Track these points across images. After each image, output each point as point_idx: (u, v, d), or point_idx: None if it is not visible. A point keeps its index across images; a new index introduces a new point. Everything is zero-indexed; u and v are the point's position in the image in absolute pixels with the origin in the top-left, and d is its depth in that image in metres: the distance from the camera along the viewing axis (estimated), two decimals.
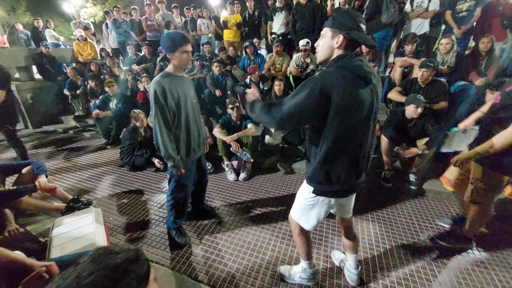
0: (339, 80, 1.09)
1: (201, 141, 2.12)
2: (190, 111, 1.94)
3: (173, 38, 1.73)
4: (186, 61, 1.81)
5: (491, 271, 1.87)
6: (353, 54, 1.15)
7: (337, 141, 1.17)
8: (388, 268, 1.89)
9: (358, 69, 1.12)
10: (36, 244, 2.03)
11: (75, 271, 0.60)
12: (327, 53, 1.21)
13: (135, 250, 0.70)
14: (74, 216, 2.10)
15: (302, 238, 1.55)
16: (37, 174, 2.29)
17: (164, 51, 1.80)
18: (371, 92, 1.16)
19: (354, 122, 1.15)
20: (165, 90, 1.74)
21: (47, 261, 1.34)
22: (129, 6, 16.33)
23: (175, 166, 1.84)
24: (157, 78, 1.78)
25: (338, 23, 1.14)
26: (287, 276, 1.78)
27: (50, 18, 9.39)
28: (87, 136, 5.16)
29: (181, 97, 1.85)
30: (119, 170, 3.57)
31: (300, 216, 1.48)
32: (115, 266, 0.62)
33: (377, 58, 4.08)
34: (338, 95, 1.08)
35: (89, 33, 6.80)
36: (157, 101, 1.73)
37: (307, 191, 1.38)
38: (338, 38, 1.15)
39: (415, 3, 4.07)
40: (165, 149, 1.78)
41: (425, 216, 2.48)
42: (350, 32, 1.12)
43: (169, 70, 1.85)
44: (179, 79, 1.88)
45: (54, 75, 5.88)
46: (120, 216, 2.56)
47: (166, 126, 1.77)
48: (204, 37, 6.11)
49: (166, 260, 1.99)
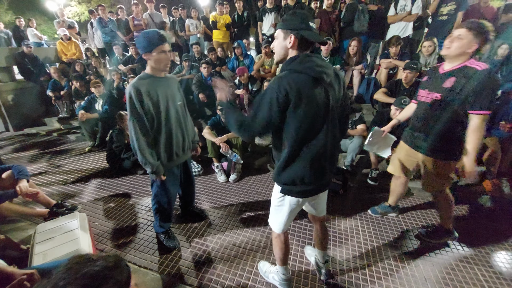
0: (292, 83, 1.13)
1: (187, 145, 2.03)
2: (172, 113, 1.84)
3: (150, 38, 1.64)
4: (165, 61, 1.72)
5: (474, 266, 1.94)
6: (304, 55, 1.19)
7: (296, 143, 1.21)
8: (369, 265, 1.94)
9: (308, 70, 1.14)
10: (17, 251, 1.95)
11: (49, 282, 0.57)
12: (282, 53, 1.26)
13: (114, 256, 0.68)
14: (58, 221, 2.03)
15: (278, 242, 1.55)
16: (18, 178, 2.20)
17: (140, 51, 1.71)
18: (325, 90, 1.19)
19: (312, 122, 1.18)
20: (141, 92, 1.65)
21: (29, 269, 1.30)
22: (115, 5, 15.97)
23: (153, 172, 1.75)
24: (134, 81, 1.68)
25: (289, 24, 1.20)
26: (262, 272, 1.84)
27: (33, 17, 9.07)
28: (71, 139, 5.01)
29: (161, 100, 1.76)
30: (105, 173, 3.48)
31: (274, 219, 1.50)
32: (93, 274, 0.60)
33: (364, 60, 4.19)
34: (293, 98, 1.12)
35: (73, 32, 6.62)
36: (131, 105, 1.65)
37: (277, 190, 1.41)
38: (290, 39, 1.19)
39: (398, 7, 4.20)
40: (141, 155, 1.70)
41: (410, 214, 2.55)
42: (301, 32, 1.16)
43: (148, 72, 1.76)
44: (160, 81, 1.78)
45: (37, 75, 5.66)
46: (107, 220, 2.49)
47: (141, 131, 1.69)
48: (193, 38, 6.07)
49: (154, 265, 1.95)
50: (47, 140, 4.95)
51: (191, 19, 5.96)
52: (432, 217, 2.50)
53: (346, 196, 2.84)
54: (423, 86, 1.88)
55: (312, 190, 1.34)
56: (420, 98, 1.89)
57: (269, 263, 1.89)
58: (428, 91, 1.80)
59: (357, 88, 4.15)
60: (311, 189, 1.33)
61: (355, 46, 4.05)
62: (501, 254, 2.05)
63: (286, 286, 1.69)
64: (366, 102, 4.02)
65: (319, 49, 4.10)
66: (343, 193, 2.87)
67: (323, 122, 1.22)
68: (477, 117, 1.59)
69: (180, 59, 5.30)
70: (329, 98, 1.20)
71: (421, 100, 1.87)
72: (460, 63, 1.64)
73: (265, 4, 5.18)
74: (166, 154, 1.86)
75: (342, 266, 1.93)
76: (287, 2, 4.89)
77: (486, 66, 1.54)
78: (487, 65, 1.55)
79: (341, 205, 2.65)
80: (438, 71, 1.78)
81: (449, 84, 1.65)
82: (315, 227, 1.70)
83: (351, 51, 4.11)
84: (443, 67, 1.76)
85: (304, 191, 1.32)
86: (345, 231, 2.31)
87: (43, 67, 5.89)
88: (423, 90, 1.85)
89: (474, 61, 1.60)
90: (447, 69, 1.72)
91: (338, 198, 2.78)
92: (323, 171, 1.30)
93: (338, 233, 2.27)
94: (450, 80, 1.65)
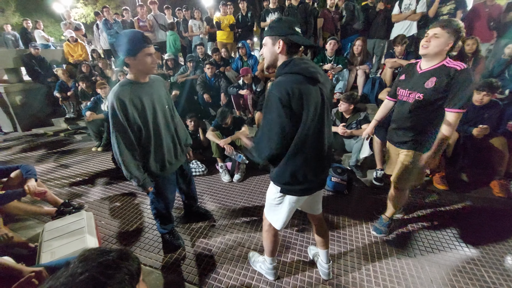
0: (291, 85, 1.16)
1: (179, 151, 1.93)
2: (160, 120, 1.71)
3: (133, 39, 1.46)
4: (151, 65, 1.55)
5: (481, 268, 1.91)
6: (298, 58, 1.24)
7: (298, 141, 1.23)
8: (374, 266, 1.92)
9: (305, 70, 1.20)
10: (26, 249, 1.99)
11: (67, 271, 0.61)
12: (272, 59, 1.31)
13: (125, 249, 0.71)
14: (65, 220, 2.07)
15: (270, 235, 1.61)
16: (26, 178, 2.25)
17: (121, 55, 1.50)
18: (320, 90, 1.24)
19: (311, 120, 1.22)
20: (125, 103, 1.50)
21: (37, 266, 1.32)
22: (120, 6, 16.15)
23: (140, 185, 1.65)
24: (115, 89, 1.51)
25: (276, 31, 1.24)
26: (251, 261, 1.94)
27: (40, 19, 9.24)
28: (78, 139, 5.08)
29: (147, 107, 1.61)
30: (111, 173, 3.52)
31: (272, 216, 1.52)
32: (107, 263, 0.63)
33: (369, 60, 4.16)
34: (294, 99, 1.15)
35: (79, 34, 6.71)
36: (114, 117, 1.50)
37: (275, 191, 1.42)
38: (279, 44, 1.24)
39: (403, 6, 4.16)
40: (126, 169, 1.58)
41: (416, 213, 2.52)
42: (289, 37, 1.21)
43: (130, 78, 1.59)
44: (144, 87, 1.62)
45: (44, 76, 5.77)
46: (113, 219, 2.52)
47: (125, 145, 1.56)
48: (196, 38, 6.11)
49: (159, 264, 1.97)
50: (54, 140, 5.03)
51: (194, 19, 6.01)
52: (438, 217, 2.47)
53: (351, 197, 2.83)
54: (402, 85, 1.89)
55: (312, 187, 1.39)
56: (401, 97, 1.90)
57: (257, 253, 1.97)
58: (409, 90, 1.81)
59: (361, 88, 4.12)
60: (311, 186, 1.37)
61: (360, 46, 4.02)
62: (508, 255, 2.02)
63: (273, 275, 1.79)
64: (371, 102, 4.00)
65: (324, 48, 4.09)
66: (348, 194, 2.86)
67: (321, 119, 1.26)
68: (453, 114, 1.65)
69: (185, 60, 5.33)
70: (324, 97, 1.26)
71: (402, 99, 1.88)
72: (438, 62, 1.68)
73: (269, 5, 5.19)
74: (158, 164, 1.77)
75: (346, 267, 1.92)
76: (290, 2, 4.88)
77: (465, 66, 1.60)
78: (465, 65, 1.61)
79: (346, 206, 2.64)
80: (416, 70, 1.80)
81: (431, 84, 1.68)
82: (313, 226, 1.71)
83: (356, 51, 4.08)
84: (421, 66, 1.79)
85: (304, 189, 1.36)
86: (349, 231, 2.29)
87: (50, 68, 5.98)
88: (404, 89, 1.86)
89: (451, 60, 1.65)
90: (425, 68, 1.74)
91: (343, 199, 2.77)
92: (322, 168, 1.37)
93: (343, 234, 2.26)
94: (432, 80, 1.68)
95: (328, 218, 2.46)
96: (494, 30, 4.02)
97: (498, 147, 2.69)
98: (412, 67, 1.86)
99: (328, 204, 2.63)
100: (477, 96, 2.70)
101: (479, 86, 2.70)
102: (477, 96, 2.70)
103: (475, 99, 2.73)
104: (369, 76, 4.11)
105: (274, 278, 1.80)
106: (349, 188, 2.89)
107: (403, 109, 1.88)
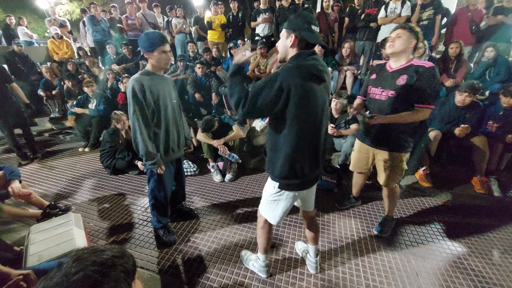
0: (297, 76, 1.18)
1: (181, 142, 2.11)
2: (170, 111, 1.93)
3: (152, 38, 1.73)
4: (165, 61, 1.81)
5: (463, 260, 2.01)
6: (308, 53, 1.25)
7: (299, 136, 1.27)
8: (362, 260, 1.98)
9: (312, 67, 1.22)
10: (11, 253, 1.92)
11: (60, 271, 0.59)
12: (283, 52, 1.32)
13: (119, 247, 0.70)
14: (52, 222, 2.02)
15: (264, 232, 1.63)
16: (10, 179, 2.17)
17: (142, 50, 1.79)
18: (324, 89, 1.28)
19: (313, 117, 1.26)
20: (144, 87, 1.72)
21: (24, 269, 1.29)
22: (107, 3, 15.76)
23: (154, 163, 1.79)
24: (136, 76, 1.75)
25: (292, 24, 1.26)
26: (244, 260, 1.94)
27: (23, 15, 8.88)
28: (64, 139, 4.93)
29: (161, 97, 1.84)
30: (99, 174, 3.45)
31: (268, 212, 1.54)
32: (102, 261, 0.62)
33: (356, 62, 4.28)
34: (296, 91, 1.17)
35: (65, 31, 6.49)
36: (135, 97, 1.71)
37: (272, 186, 1.44)
38: (291, 38, 1.25)
39: (389, 9, 4.29)
40: (144, 146, 1.74)
41: (402, 210, 2.62)
42: (302, 33, 1.22)
43: (148, 69, 1.84)
44: (160, 79, 1.87)
45: (27, 74, 5.55)
46: (102, 221, 2.48)
47: (145, 124, 1.75)
48: (180, 37, 5.98)
49: (151, 264, 1.95)
50: (39, 141, 4.85)
51: (177, 18, 5.88)
52: (422, 212, 2.57)
53: (340, 195, 2.89)
54: (374, 84, 1.97)
55: (309, 181, 1.42)
56: (373, 96, 1.97)
57: (250, 251, 1.98)
58: (381, 88, 1.89)
59: (350, 89, 4.22)
60: (308, 180, 1.41)
61: (348, 48, 4.12)
62: (488, 245, 2.14)
63: (265, 273, 1.81)
64: None
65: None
66: (338, 192, 2.92)
67: (322, 117, 1.31)
68: (423, 110, 1.76)
69: (175, 59, 5.27)
70: (326, 95, 1.31)
71: (375, 97, 1.95)
72: (406, 62, 1.79)
73: (259, 5, 5.21)
74: (164, 148, 1.93)
75: (336, 262, 1.97)
76: (281, 3, 4.93)
77: (432, 64, 1.71)
78: (432, 63, 1.72)
79: (335, 204, 2.69)
80: (386, 69, 1.90)
81: (402, 81, 1.77)
82: (306, 222, 1.74)
83: (344, 53, 4.18)
84: (390, 66, 1.88)
85: (302, 183, 1.39)
86: (339, 228, 2.35)
87: (33, 66, 5.77)
88: (376, 88, 1.94)
89: (418, 60, 1.77)
90: (395, 67, 1.84)
91: (332, 197, 2.83)
92: (317, 163, 1.41)
93: (332, 231, 2.32)
94: (403, 77, 1.77)
95: (319, 215, 2.51)
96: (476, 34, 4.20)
97: (479, 146, 2.82)
98: (382, 66, 1.95)
99: (319, 202, 2.67)
100: (459, 97, 2.82)
101: (461, 87, 2.83)
102: (459, 97, 2.82)
103: (457, 100, 2.85)
104: (357, 77, 4.21)
105: (267, 275, 1.82)
106: (339, 186, 2.95)
107: (375, 106, 1.96)
